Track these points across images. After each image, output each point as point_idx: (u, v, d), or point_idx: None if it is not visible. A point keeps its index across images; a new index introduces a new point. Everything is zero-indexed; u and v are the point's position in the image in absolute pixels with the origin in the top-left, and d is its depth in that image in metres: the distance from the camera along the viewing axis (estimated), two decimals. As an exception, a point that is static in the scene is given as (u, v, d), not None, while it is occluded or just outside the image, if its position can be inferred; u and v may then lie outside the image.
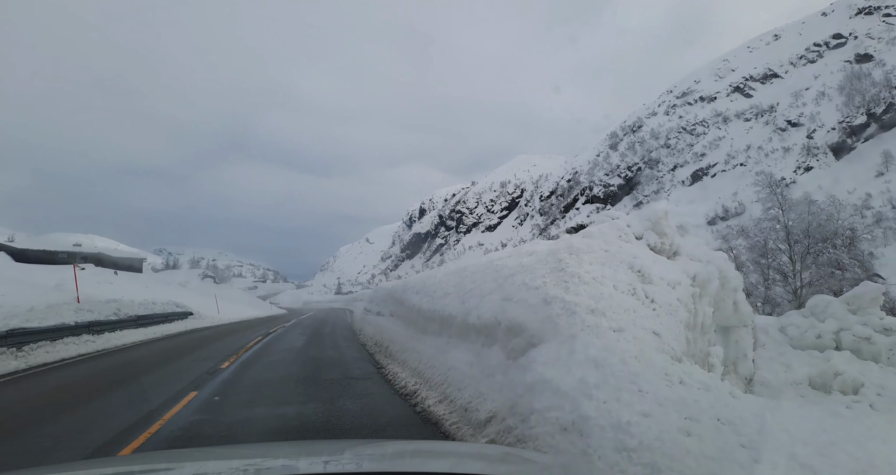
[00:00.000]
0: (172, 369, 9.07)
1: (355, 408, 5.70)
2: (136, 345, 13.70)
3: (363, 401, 6.08)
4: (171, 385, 7.33)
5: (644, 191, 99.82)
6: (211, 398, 6.44)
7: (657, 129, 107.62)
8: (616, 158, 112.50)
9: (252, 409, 5.75)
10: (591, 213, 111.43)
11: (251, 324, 23.22)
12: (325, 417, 5.31)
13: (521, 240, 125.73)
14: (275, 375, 8.17)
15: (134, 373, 8.71)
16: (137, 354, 11.75)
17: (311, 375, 8.04)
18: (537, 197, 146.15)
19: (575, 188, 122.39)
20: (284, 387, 7.06)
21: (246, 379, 7.87)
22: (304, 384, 7.26)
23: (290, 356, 10.57)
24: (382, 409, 5.72)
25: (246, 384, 7.41)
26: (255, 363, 9.60)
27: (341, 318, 27.43)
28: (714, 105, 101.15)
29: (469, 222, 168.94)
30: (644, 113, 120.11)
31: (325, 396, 6.35)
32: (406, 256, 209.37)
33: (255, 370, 8.78)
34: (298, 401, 6.15)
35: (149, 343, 14.22)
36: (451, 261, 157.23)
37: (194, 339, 15.08)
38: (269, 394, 6.60)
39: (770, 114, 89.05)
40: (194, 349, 12.32)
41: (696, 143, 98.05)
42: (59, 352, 11.27)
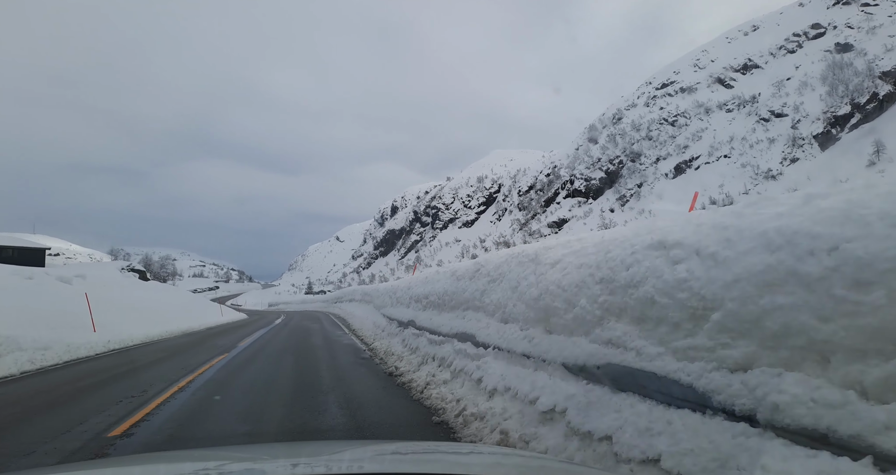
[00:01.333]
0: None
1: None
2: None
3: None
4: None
5: (627, 184, 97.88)
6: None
7: (638, 121, 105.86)
8: (597, 151, 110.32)
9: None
10: (572, 208, 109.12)
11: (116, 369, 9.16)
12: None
13: (500, 236, 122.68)
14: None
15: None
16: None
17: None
18: (515, 192, 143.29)
19: (555, 182, 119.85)
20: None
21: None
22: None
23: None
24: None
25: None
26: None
27: (334, 337, 15.97)
28: (695, 96, 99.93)
29: (445, 218, 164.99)
30: (623, 105, 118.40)
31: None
32: (380, 254, 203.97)
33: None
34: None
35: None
36: (427, 258, 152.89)
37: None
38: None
39: (752, 104, 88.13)
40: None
41: (678, 134, 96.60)
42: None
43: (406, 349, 9.28)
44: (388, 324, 12.94)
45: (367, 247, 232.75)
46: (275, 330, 19.78)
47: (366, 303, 21.38)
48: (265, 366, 9.48)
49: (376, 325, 14.49)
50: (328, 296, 42.59)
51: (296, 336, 16.40)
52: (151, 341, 14.80)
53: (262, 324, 23.12)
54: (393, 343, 10.58)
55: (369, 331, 14.93)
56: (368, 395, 6.53)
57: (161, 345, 13.79)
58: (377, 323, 14.79)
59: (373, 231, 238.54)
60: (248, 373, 8.61)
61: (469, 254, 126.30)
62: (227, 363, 9.71)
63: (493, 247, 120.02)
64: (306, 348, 12.50)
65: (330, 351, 11.91)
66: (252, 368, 9.13)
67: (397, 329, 11.32)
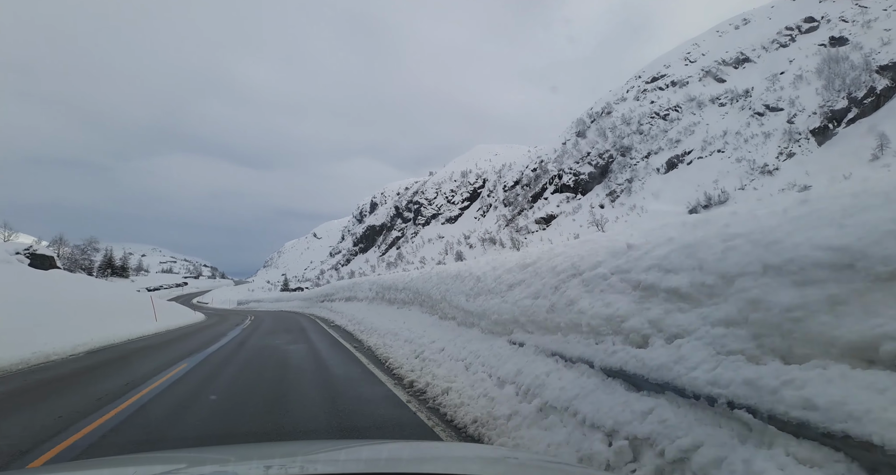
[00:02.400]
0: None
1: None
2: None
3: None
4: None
5: (617, 179, 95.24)
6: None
7: (628, 115, 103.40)
8: (586, 145, 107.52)
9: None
10: (561, 203, 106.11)
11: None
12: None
13: (485, 232, 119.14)
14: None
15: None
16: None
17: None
18: (500, 187, 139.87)
19: (542, 177, 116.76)
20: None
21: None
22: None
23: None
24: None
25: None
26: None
27: (335, 357, 9.86)
28: (687, 89, 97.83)
29: (428, 214, 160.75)
30: (612, 98, 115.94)
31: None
32: (359, 250, 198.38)
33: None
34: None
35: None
36: (409, 254, 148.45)
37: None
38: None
39: (745, 98, 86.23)
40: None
41: (670, 128, 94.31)
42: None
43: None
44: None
45: (345, 243, 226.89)
46: (224, 353, 11.61)
47: (390, 304, 14.50)
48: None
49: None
50: (310, 293, 33.07)
51: (259, 378, 7.88)
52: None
53: (211, 337, 15.73)
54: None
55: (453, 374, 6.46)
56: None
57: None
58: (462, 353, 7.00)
59: (351, 227, 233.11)
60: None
61: (453, 250, 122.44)
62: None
63: (479, 244, 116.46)
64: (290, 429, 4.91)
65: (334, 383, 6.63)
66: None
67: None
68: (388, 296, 14.95)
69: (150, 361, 10.23)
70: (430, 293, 10.53)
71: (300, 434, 4.73)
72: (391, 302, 14.54)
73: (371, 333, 12.39)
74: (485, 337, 7.05)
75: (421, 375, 6.82)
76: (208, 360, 10.13)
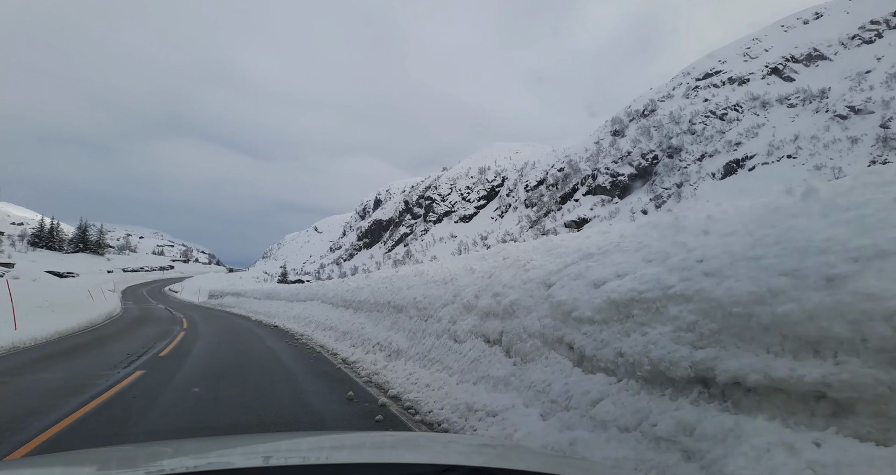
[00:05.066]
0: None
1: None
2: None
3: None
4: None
5: (664, 182, 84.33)
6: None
7: (677, 113, 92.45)
8: (626, 144, 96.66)
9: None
10: (595, 206, 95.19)
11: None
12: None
13: (505, 233, 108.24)
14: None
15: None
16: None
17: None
18: (522, 186, 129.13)
19: (572, 177, 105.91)
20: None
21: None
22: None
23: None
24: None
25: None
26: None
27: None
28: (748, 88, 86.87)
29: (441, 211, 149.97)
30: (656, 95, 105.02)
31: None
32: (364, 245, 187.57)
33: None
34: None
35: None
36: (418, 253, 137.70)
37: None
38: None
39: (821, 99, 75.24)
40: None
41: (728, 129, 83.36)
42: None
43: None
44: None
45: (346, 239, 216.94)
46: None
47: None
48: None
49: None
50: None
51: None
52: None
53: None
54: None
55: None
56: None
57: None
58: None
59: (353, 223, 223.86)
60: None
61: (468, 251, 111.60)
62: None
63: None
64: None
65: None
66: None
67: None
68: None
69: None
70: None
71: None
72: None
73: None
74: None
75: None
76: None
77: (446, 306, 6.18)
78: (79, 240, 70.28)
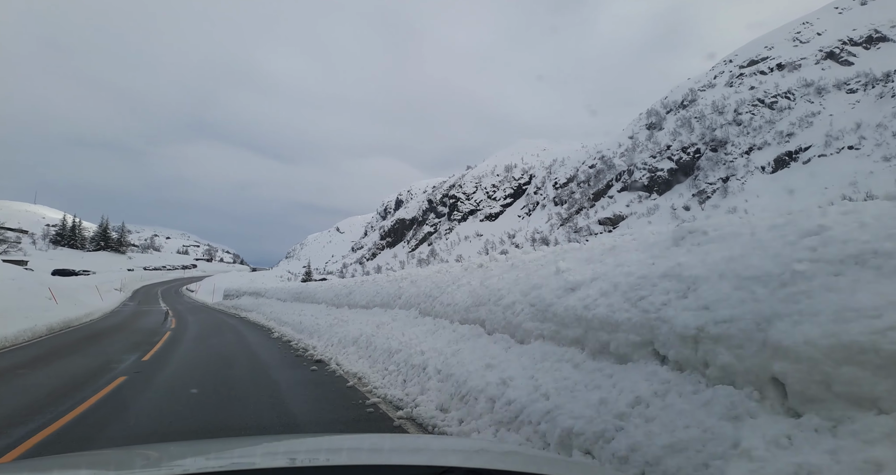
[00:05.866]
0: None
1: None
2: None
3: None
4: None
5: (707, 177, 78.82)
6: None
7: (721, 103, 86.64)
8: (665, 138, 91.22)
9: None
10: (631, 203, 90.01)
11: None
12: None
13: (535, 231, 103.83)
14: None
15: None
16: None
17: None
18: (550, 183, 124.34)
19: (606, 173, 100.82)
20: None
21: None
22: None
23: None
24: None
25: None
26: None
27: None
28: (800, 74, 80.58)
29: (465, 209, 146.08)
30: (696, 85, 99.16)
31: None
32: (387, 244, 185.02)
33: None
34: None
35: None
36: (443, 252, 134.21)
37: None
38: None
39: (885, 83, 68.84)
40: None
41: (778, 119, 77.36)
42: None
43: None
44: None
45: (368, 239, 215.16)
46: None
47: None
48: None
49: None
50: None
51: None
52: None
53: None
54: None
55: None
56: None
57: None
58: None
59: (374, 223, 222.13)
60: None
61: (496, 250, 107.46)
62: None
63: (528, 244, 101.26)
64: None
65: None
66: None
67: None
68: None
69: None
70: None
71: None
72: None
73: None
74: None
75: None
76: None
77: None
78: (100, 238, 68.92)
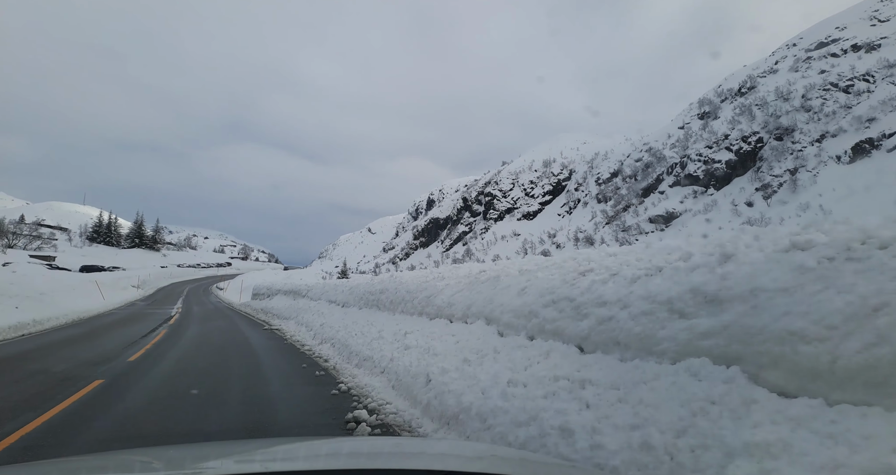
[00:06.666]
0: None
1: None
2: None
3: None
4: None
5: (773, 168, 72.02)
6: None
7: (786, 88, 79.45)
8: (722, 127, 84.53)
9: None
10: (685, 198, 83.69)
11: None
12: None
13: (577, 230, 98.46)
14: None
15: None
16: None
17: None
18: (593, 179, 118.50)
19: (655, 166, 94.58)
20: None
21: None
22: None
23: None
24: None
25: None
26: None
27: None
28: (879, 54, 72.83)
29: (502, 207, 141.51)
30: (754, 72, 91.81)
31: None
32: (420, 244, 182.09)
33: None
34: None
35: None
36: (479, 252, 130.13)
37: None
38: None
39: None
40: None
41: (855, 103, 69.96)
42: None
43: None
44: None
45: (399, 239, 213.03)
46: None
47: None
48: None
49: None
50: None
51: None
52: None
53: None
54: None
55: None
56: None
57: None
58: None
59: (406, 224, 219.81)
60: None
61: (535, 250, 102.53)
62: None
63: (570, 244, 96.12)
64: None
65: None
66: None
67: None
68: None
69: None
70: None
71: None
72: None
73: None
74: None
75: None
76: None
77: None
78: (135, 235, 68.27)
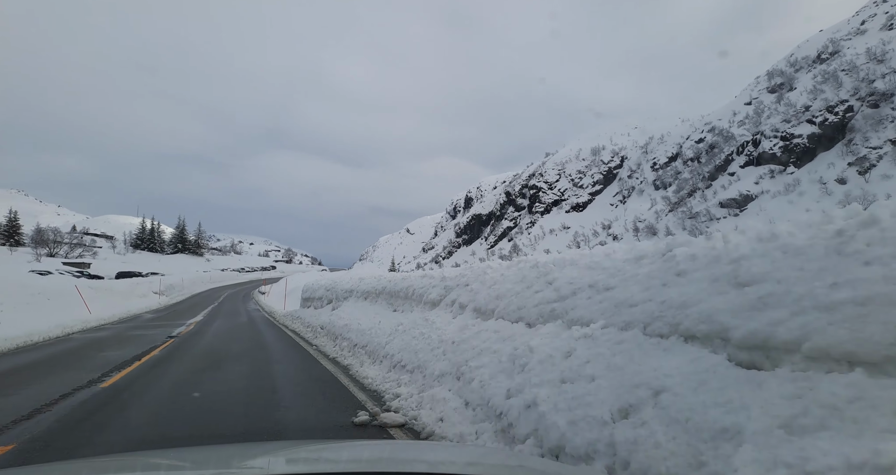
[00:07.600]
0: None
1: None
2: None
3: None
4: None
5: (868, 140, 62.98)
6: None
7: (879, 49, 69.84)
8: (802, 98, 75.53)
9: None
10: (761, 179, 75.20)
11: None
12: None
13: (636, 220, 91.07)
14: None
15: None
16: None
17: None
18: (647, 165, 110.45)
19: (722, 146, 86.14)
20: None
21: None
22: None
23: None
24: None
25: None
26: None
27: None
28: None
29: (548, 200, 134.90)
30: (835, 35, 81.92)
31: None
32: (463, 242, 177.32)
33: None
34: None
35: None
36: (526, 247, 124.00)
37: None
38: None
39: None
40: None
41: (972, 59, 60.13)
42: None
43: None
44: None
45: (439, 239, 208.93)
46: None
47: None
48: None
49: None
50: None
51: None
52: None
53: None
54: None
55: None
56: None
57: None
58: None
59: (444, 223, 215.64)
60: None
61: (589, 243, 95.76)
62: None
63: (630, 235, 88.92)
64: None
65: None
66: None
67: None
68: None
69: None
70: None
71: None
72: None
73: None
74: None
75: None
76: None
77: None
78: (177, 241, 66.92)
